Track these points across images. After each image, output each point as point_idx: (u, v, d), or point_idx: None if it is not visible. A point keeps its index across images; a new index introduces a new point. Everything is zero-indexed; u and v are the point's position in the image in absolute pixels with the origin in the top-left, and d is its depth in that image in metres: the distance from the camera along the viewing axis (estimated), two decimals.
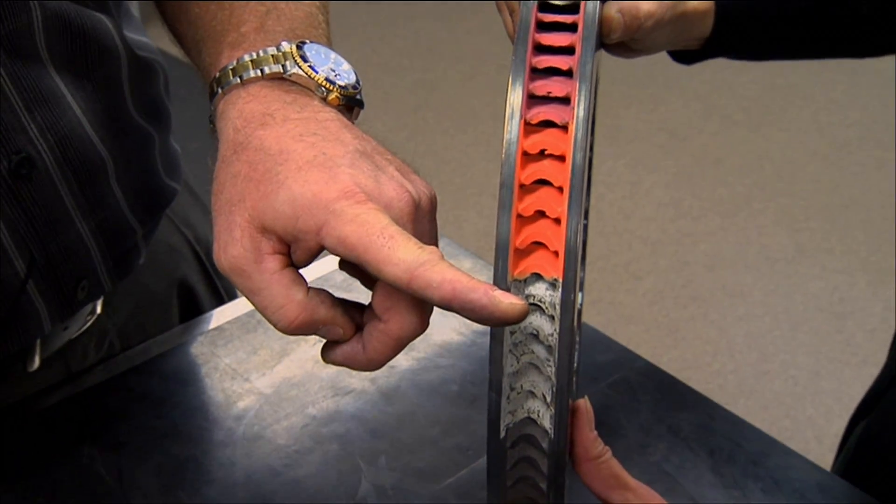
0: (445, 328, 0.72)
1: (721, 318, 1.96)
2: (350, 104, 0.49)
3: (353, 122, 0.48)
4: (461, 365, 0.69)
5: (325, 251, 0.43)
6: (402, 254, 0.39)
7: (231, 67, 0.48)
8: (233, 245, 0.43)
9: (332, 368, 0.68)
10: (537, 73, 0.44)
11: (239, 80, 0.47)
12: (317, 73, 0.48)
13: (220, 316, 0.73)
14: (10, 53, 0.53)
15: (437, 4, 3.10)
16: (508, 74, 0.43)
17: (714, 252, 2.14)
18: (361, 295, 0.46)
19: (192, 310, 0.77)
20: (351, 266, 0.45)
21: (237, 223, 0.43)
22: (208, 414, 0.64)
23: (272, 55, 0.48)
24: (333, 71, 0.48)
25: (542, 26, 0.45)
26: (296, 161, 0.43)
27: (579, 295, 0.57)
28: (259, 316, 0.72)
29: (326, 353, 0.45)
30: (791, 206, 2.27)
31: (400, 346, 0.43)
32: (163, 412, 0.64)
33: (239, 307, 0.74)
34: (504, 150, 0.42)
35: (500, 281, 0.41)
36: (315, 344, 0.70)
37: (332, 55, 0.49)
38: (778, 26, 0.62)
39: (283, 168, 0.42)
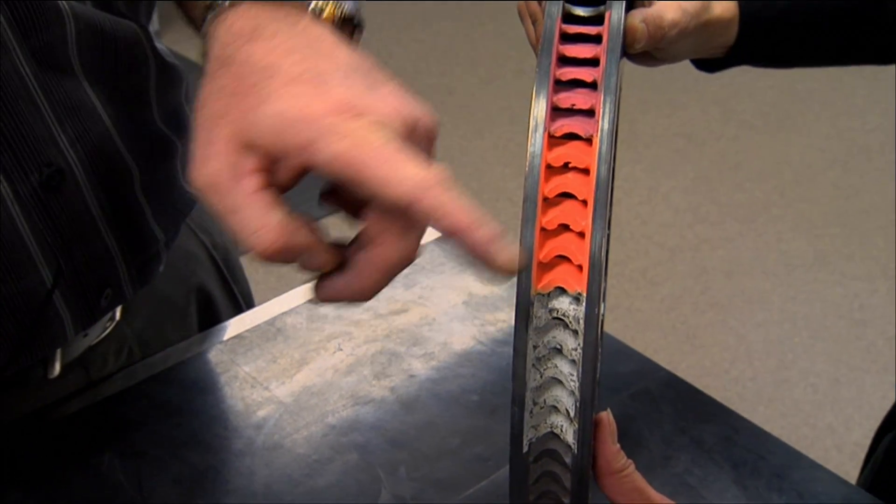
0: (465, 336, 0.71)
1: (740, 324, 1.95)
2: (348, 25, 0.46)
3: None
4: (481, 374, 0.68)
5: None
6: (408, 171, 0.38)
7: None
8: (211, 160, 0.40)
9: (352, 377, 0.68)
10: (561, 84, 0.43)
11: (227, 3, 0.45)
12: None
13: (240, 324, 0.73)
14: (43, 66, 0.53)
15: (454, 7, 3.10)
16: (527, 79, 0.43)
17: (732, 258, 2.12)
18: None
19: (210, 316, 0.77)
20: (333, 195, 0.43)
21: (218, 137, 0.40)
22: (227, 423, 0.64)
23: None
24: None
25: (566, 37, 0.45)
26: (283, 76, 0.40)
27: (602, 305, 0.57)
28: (279, 324, 0.72)
29: (318, 291, 0.43)
30: (810, 211, 2.26)
31: (392, 273, 0.42)
32: (182, 421, 0.64)
33: (259, 315, 0.74)
34: (528, 163, 0.42)
35: (524, 294, 0.41)
36: (335, 353, 0.70)
37: None
38: (802, 34, 0.61)
39: (270, 83, 0.40)
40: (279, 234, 0.39)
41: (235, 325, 0.73)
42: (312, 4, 0.45)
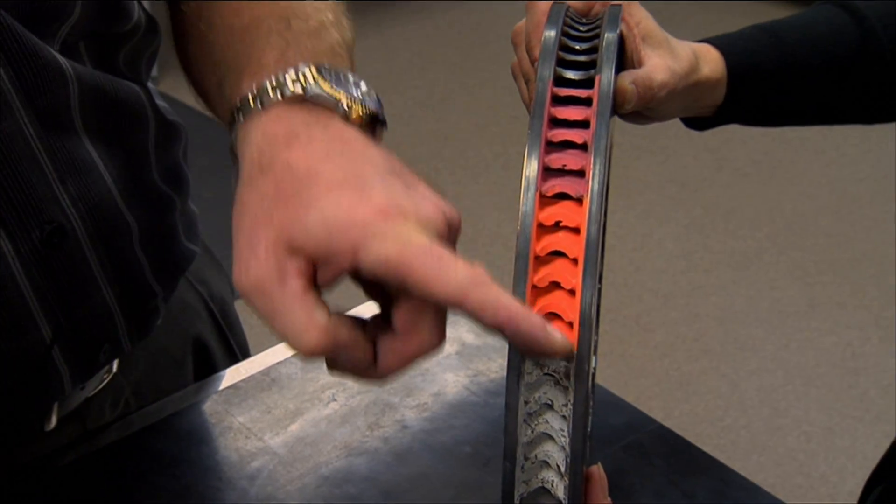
0: (458, 387, 0.72)
1: (733, 372, 1.95)
2: (373, 123, 0.48)
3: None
4: (474, 425, 0.69)
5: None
6: (453, 272, 0.40)
7: (252, 94, 0.48)
8: (256, 264, 0.42)
9: (346, 427, 0.68)
10: (553, 146, 0.45)
11: (260, 106, 0.47)
12: (337, 91, 0.47)
13: (235, 374, 0.73)
14: (47, 126, 0.54)
15: (450, 55, 3.14)
16: (521, 126, 0.44)
17: (725, 305, 2.13)
18: None
19: (207, 367, 0.77)
20: (367, 281, 0.44)
21: (262, 242, 0.42)
22: (222, 474, 0.64)
23: (291, 79, 0.47)
24: (354, 90, 0.48)
25: (558, 100, 0.46)
26: (326, 182, 0.42)
27: (593, 359, 0.58)
28: (274, 374, 0.73)
29: (333, 367, 0.44)
30: (803, 259, 2.27)
31: (415, 362, 0.43)
32: (177, 472, 0.64)
33: (253, 365, 0.74)
34: (520, 222, 0.43)
35: (515, 351, 0.42)
36: (329, 403, 0.70)
37: (351, 77, 0.49)
38: (790, 94, 0.62)
39: (314, 189, 0.42)
40: (324, 333, 0.41)
41: (230, 376, 0.73)
42: (340, 103, 0.47)
